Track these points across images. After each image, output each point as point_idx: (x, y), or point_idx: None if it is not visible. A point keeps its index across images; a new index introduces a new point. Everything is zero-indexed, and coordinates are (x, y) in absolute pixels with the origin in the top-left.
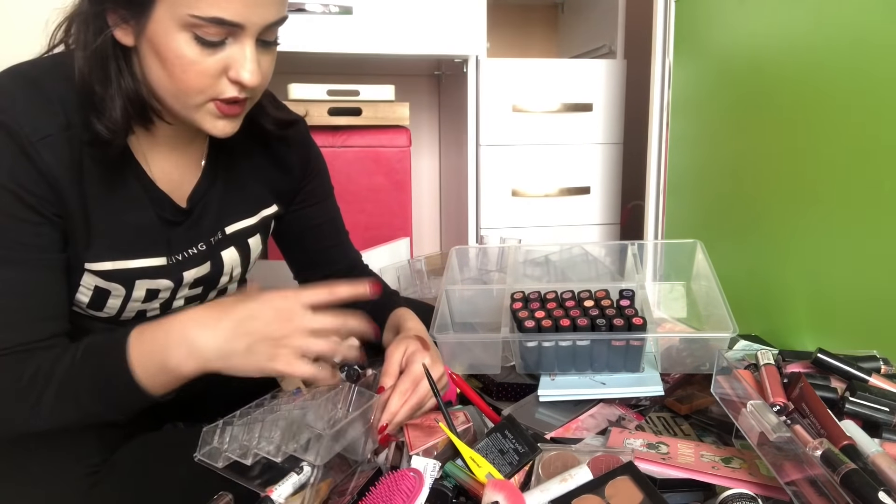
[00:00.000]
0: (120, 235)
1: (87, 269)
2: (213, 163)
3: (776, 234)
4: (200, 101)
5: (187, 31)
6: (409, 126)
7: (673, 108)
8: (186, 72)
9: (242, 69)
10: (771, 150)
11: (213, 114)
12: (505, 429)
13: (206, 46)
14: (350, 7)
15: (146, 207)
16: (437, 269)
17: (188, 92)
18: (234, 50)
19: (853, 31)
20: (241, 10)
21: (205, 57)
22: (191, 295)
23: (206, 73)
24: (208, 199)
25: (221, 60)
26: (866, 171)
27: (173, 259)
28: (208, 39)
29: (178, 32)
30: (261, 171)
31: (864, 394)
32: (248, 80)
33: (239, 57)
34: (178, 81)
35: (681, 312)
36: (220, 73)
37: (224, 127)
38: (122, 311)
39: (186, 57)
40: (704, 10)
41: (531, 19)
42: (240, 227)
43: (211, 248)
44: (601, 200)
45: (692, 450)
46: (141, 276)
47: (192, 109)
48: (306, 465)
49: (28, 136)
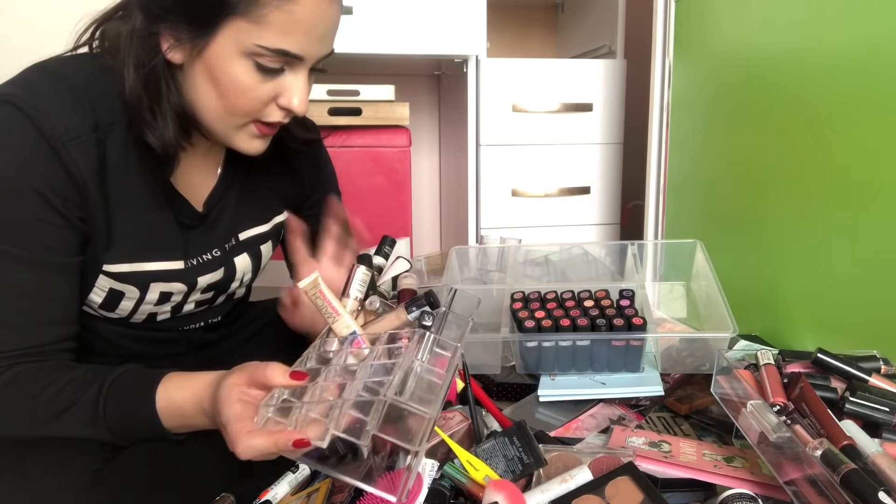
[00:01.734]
0: (139, 237)
1: (104, 271)
2: (229, 168)
3: (776, 233)
4: (244, 122)
5: (249, 59)
6: (409, 126)
7: (673, 108)
8: (240, 97)
9: (294, 97)
10: (771, 150)
11: (251, 134)
12: (514, 434)
13: (265, 73)
14: (350, 7)
15: (166, 210)
16: (437, 269)
17: (236, 114)
18: (290, 79)
19: (852, 30)
20: (306, 44)
21: (260, 84)
22: (202, 299)
23: (259, 98)
24: (224, 205)
25: (274, 87)
26: (866, 170)
27: (190, 263)
28: (268, 67)
29: (239, 58)
30: (274, 178)
31: (864, 394)
32: (298, 108)
33: (293, 86)
34: (228, 105)
35: (681, 312)
36: (272, 99)
37: (258, 146)
38: (134, 312)
39: (243, 84)
40: (704, 10)
41: (531, 19)
42: (253, 233)
43: (225, 253)
44: (601, 200)
45: (694, 449)
46: (156, 279)
47: (233, 129)
48: (302, 464)
49: (61, 136)
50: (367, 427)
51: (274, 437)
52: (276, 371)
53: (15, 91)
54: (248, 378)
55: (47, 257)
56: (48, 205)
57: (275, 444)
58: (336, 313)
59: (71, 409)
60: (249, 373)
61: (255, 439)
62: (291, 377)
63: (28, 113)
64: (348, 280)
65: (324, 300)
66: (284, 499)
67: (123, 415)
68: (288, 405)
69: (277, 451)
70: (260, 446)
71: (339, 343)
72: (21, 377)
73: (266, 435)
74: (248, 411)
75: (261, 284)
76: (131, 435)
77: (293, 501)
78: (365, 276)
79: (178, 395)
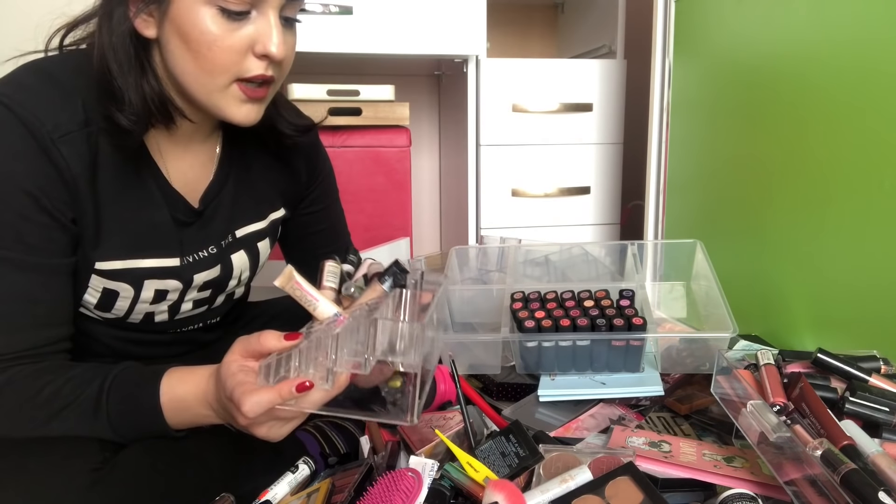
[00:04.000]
0: (133, 234)
1: (97, 269)
2: (225, 164)
3: (776, 233)
4: (225, 81)
5: (212, 5)
6: (409, 126)
7: (673, 108)
8: (212, 49)
9: (269, 41)
10: (771, 150)
11: (237, 98)
12: (510, 433)
13: (231, 19)
14: (350, 7)
15: (161, 206)
16: (438, 269)
17: (213, 71)
18: (259, 23)
19: (852, 30)
20: None
21: (230, 32)
22: (199, 298)
23: (231, 48)
24: (220, 201)
25: (247, 36)
26: (866, 170)
27: (185, 260)
28: (232, 9)
29: (202, 7)
30: (270, 175)
31: (864, 394)
32: (275, 53)
33: (264, 30)
34: (203, 61)
35: (681, 312)
36: (246, 49)
37: (248, 112)
38: (131, 312)
39: (212, 33)
40: (704, 10)
41: (531, 19)
42: (250, 230)
43: (221, 251)
44: (601, 200)
45: (694, 448)
46: (151, 275)
47: (217, 94)
48: (302, 464)
49: (49, 132)
50: (367, 355)
51: (277, 388)
52: (270, 337)
53: (3, 90)
54: (242, 350)
55: (39, 258)
56: (37, 205)
57: (279, 394)
58: (315, 299)
59: (71, 406)
60: (243, 345)
61: (260, 394)
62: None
63: (16, 111)
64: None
65: (301, 290)
66: (284, 499)
67: (126, 409)
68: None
69: (282, 400)
70: (265, 400)
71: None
72: (18, 379)
73: (269, 388)
74: (248, 377)
75: (261, 284)
76: (132, 430)
77: (293, 501)
78: (333, 268)
79: (180, 388)
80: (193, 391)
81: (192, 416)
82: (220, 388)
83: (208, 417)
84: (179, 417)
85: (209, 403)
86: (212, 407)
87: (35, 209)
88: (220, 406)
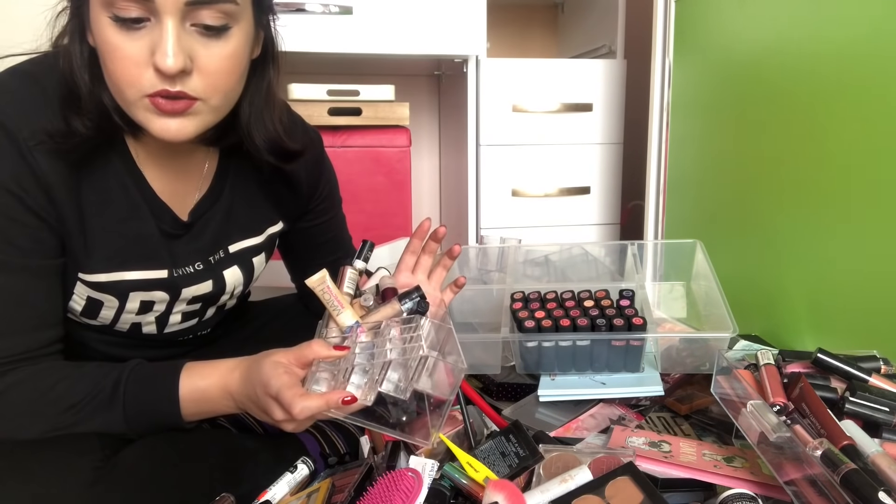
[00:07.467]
0: (117, 246)
1: (81, 280)
2: (221, 179)
3: (776, 234)
4: (134, 96)
5: (107, 11)
6: (409, 126)
7: (673, 108)
8: (114, 61)
9: (159, 53)
10: (771, 150)
11: (150, 111)
12: (510, 433)
13: (126, 28)
14: (350, 7)
15: (146, 217)
16: None
17: (120, 85)
18: (155, 32)
19: (852, 30)
20: None
21: (126, 42)
22: (188, 310)
23: (130, 59)
24: (211, 216)
25: (145, 47)
26: (866, 170)
27: (175, 272)
28: (124, 16)
29: (100, 16)
30: (270, 189)
31: (864, 394)
32: (167, 66)
33: (158, 39)
34: (110, 74)
35: (681, 312)
36: (145, 61)
37: (169, 126)
38: (116, 321)
39: (111, 44)
40: (704, 10)
41: (531, 19)
42: (245, 245)
43: (211, 266)
44: (601, 200)
45: (694, 448)
46: (136, 288)
47: (132, 107)
48: (301, 464)
49: (26, 139)
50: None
51: (325, 397)
52: (321, 345)
53: None
54: (293, 356)
55: (27, 260)
56: (22, 205)
57: (326, 403)
58: (341, 306)
59: (86, 399)
60: (295, 353)
61: (310, 400)
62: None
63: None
64: (340, 281)
65: (330, 295)
66: (284, 499)
67: (145, 400)
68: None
69: (328, 408)
70: (314, 406)
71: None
72: (24, 379)
73: (318, 396)
74: (295, 380)
75: (261, 284)
76: (146, 421)
77: (293, 501)
78: (353, 276)
79: (202, 382)
80: (217, 385)
81: (211, 407)
82: (256, 383)
83: (227, 408)
84: (196, 409)
85: (231, 395)
86: (234, 398)
87: (20, 209)
88: (248, 399)
